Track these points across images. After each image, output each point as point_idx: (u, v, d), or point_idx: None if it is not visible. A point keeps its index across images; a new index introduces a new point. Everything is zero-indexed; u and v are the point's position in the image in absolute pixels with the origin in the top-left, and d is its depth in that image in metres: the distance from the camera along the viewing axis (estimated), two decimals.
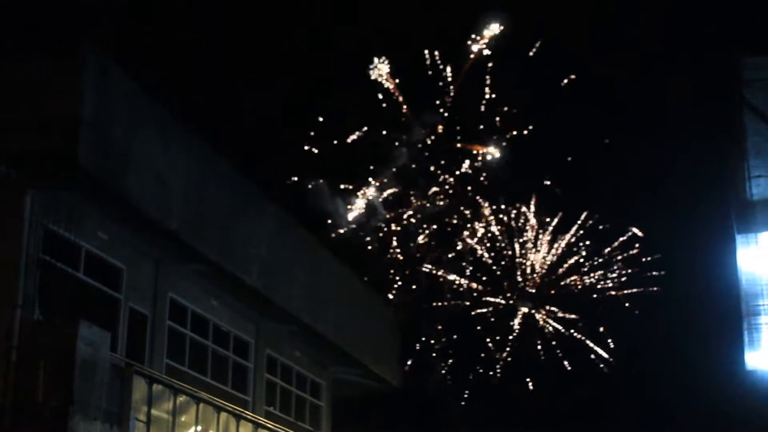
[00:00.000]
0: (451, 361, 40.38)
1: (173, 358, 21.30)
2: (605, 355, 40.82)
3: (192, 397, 20.72)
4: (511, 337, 40.63)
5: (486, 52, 37.22)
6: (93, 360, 16.63)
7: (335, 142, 36.76)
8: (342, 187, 37.00)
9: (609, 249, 40.17)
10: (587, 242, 40.34)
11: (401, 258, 38.87)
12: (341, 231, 36.18)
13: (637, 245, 39.97)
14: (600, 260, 40.46)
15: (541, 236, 40.12)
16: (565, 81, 38.38)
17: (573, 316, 40.67)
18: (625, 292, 40.43)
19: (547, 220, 39.97)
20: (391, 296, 35.83)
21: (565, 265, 40.47)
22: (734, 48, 15.89)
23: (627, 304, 40.38)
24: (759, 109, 15.76)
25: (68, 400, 16.08)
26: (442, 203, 39.33)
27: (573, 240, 40.20)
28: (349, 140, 37.03)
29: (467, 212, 39.51)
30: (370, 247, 37.82)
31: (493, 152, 38.38)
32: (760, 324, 23.81)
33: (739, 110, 16.03)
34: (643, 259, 40.00)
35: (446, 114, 38.33)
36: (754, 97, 15.68)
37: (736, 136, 16.84)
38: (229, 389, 23.58)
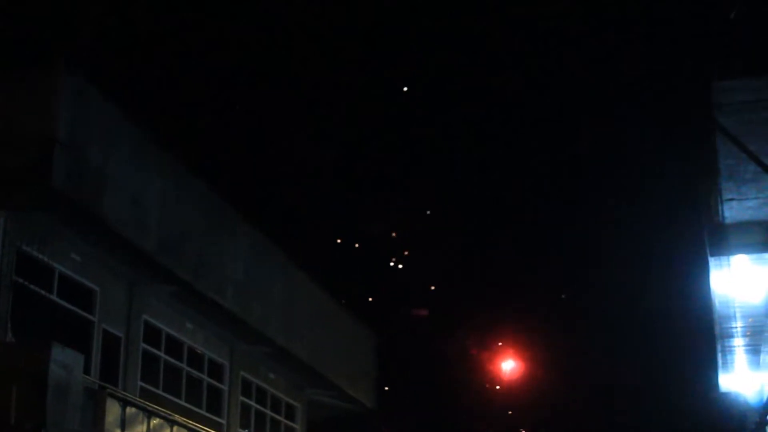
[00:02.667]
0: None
1: (147, 380, 21.21)
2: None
3: (166, 420, 20.62)
4: None
5: None
6: (66, 382, 16.53)
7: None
8: None
9: None
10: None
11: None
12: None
13: None
14: None
15: None
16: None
17: None
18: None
19: None
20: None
21: None
22: (705, 72, 15.98)
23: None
24: (731, 133, 15.84)
25: (41, 422, 15.95)
26: None
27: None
28: None
29: None
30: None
31: None
32: (734, 346, 23.92)
33: (711, 134, 16.11)
34: None
35: None
36: (726, 121, 15.75)
37: (708, 160, 16.92)
38: (204, 412, 23.49)
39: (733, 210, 18.26)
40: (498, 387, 43.59)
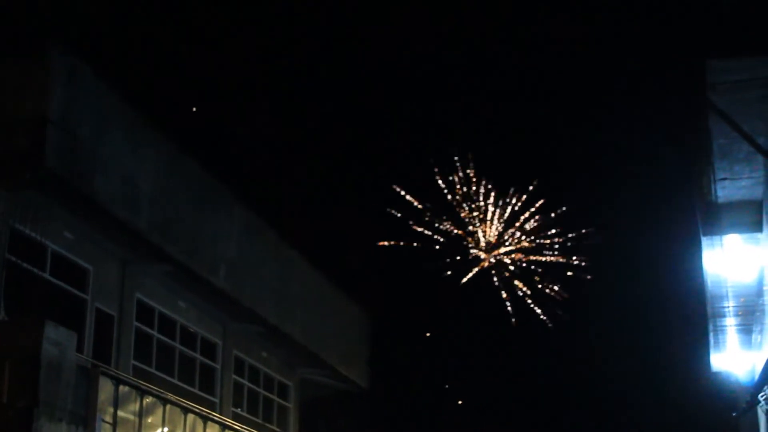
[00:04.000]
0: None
1: (140, 359, 21.23)
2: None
3: (159, 398, 20.64)
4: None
5: None
6: (59, 361, 16.53)
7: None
8: None
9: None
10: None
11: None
12: None
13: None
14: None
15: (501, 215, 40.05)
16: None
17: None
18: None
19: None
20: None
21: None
22: (699, 51, 15.98)
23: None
24: (724, 112, 15.85)
25: (33, 401, 15.96)
26: None
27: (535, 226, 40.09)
28: None
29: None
30: None
31: None
32: (725, 326, 23.98)
33: (704, 113, 16.12)
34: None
35: None
36: (719, 100, 15.75)
37: (701, 139, 16.93)
38: (197, 390, 23.52)
39: (726, 189, 18.30)
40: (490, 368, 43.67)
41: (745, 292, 21.99)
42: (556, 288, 39.75)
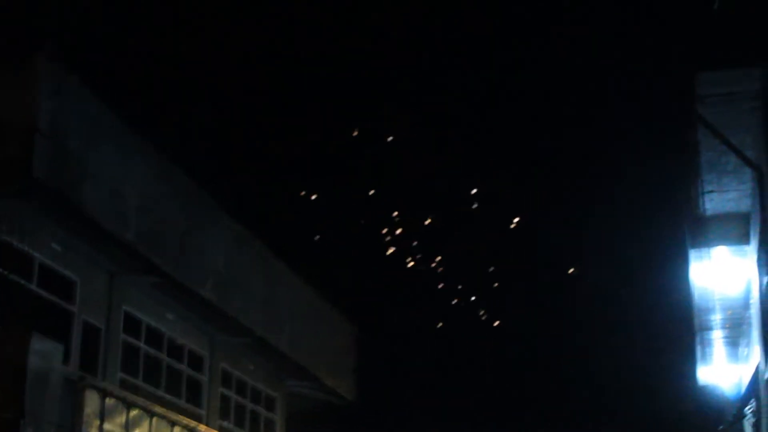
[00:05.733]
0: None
1: (127, 371, 21.15)
2: None
3: (145, 410, 20.57)
4: None
5: None
6: (45, 373, 16.47)
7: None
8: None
9: None
10: None
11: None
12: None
13: None
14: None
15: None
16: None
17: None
18: None
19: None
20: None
21: None
22: (688, 63, 16.03)
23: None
24: (713, 125, 15.89)
25: (19, 413, 15.90)
26: None
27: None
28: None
29: None
30: None
31: None
32: (713, 339, 24.00)
33: (693, 126, 16.16)
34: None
35: None
36: (707, 113, 15.80)
37: (689, 152, 16.97)
38: (183, 403, 23.44)
39: (714, 202, 18.35)
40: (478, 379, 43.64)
41: (732, 305, 22.02)
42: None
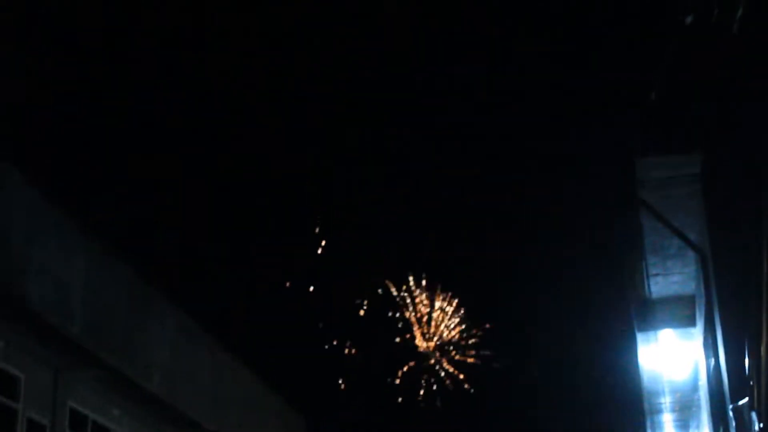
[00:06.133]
0: None
1: None
2: None
3: None
4: None
5: None
6: None
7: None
8: None
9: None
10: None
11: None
12: None
13: None
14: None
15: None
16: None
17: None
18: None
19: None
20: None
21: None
22: (629, 149, 16.29)
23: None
24: (655, 209, 16.09)
25: None
26: None
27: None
28: None
29: None
30: None
31: None
32: (663, 422, 24.08)
33: (635, 210, 16.36)
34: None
35: None
36: (649, 197, 16.02)
37: (633, 235, 17.16)
38: None
39: (659, 285, 18.52)
40: None
41: (680, 388, 22.15)
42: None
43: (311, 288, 39.21)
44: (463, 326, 41.22)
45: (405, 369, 41.47)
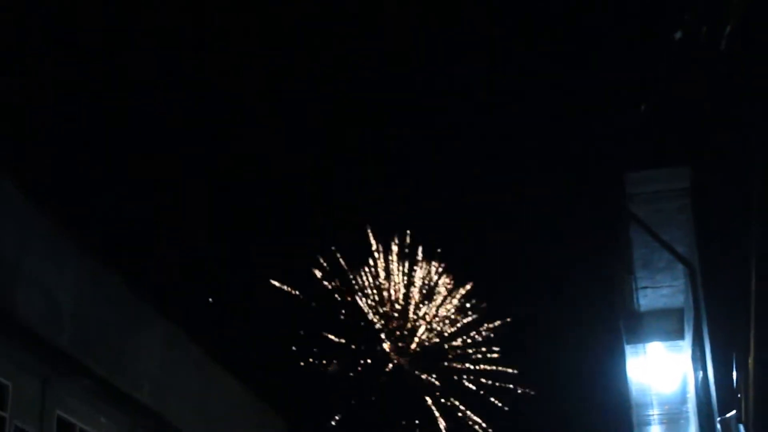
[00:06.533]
0: None
1: None
2: None
3: None
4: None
5: None
6: None
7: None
8: None
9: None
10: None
11: None
12: None
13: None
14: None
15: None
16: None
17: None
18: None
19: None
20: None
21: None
22: (618, 164, 16.38)
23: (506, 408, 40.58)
24: (644, 222, 16.16)
25: None
26: None
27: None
28: None
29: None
30: None
31: None
32: None
33: (625, 223, 16.43)
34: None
35: None
36: (639, 211, 16.10)
37: (623, 249, 17.23)
38: None
39: (648, 298, 18.59)
40: None
41: (669, 400, 22.18)
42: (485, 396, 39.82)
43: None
44: (464, 333, 41.21)
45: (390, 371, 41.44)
